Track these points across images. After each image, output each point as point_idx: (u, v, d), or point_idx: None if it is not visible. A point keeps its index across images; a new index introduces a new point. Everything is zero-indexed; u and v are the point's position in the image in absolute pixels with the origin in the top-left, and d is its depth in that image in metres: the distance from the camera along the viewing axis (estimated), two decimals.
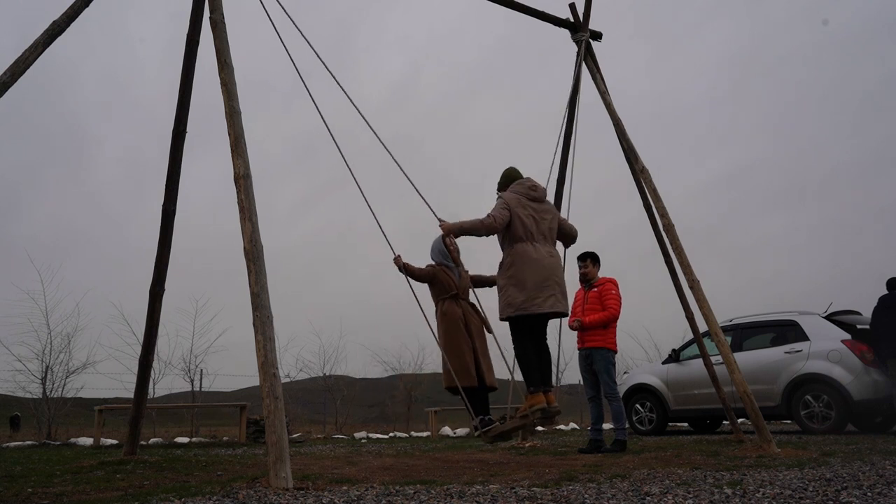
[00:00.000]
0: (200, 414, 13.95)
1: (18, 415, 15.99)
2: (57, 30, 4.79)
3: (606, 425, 7.58)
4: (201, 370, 14.15)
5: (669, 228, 6.35)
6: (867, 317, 8.44)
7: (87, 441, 10.19)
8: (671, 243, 6.37)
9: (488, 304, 5.55)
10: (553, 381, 5.21)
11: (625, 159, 7.02)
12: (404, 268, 5.57)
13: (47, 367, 12.25)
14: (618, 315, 6.47)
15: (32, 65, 4.62)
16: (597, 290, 6.56)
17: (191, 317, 14.04)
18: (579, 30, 7.19)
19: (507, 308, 4.96)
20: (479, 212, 5.05)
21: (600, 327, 6.43)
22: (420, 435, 12.34)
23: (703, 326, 6.88)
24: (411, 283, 5.52)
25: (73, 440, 10.65)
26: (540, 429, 11.81)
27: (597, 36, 7.31)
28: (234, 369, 27.86)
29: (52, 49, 4.73)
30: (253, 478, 3.94)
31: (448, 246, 5.67)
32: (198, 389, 14.19)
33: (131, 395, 6.41)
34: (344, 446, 8.93)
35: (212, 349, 14.13)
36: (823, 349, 8.30)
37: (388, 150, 5.57)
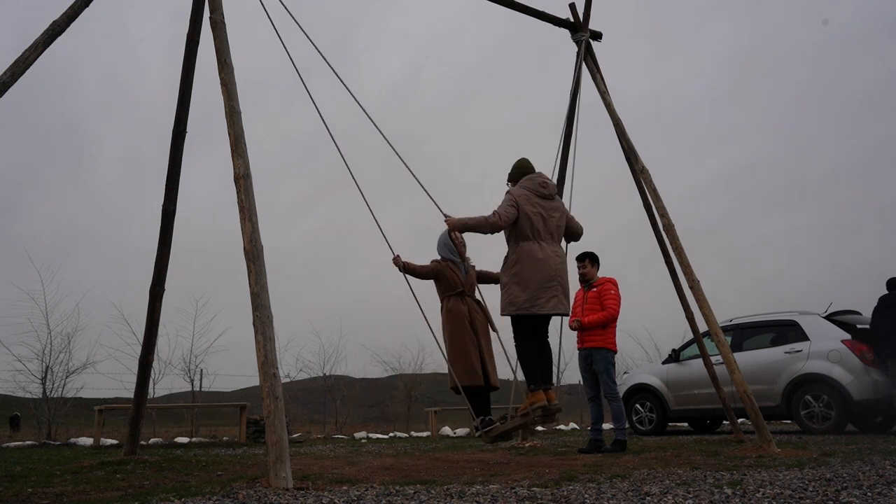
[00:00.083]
0: (200, 414, 13.95)
1: (18, 415, 16.01)
2: (57, 30, 4.79)
3: (606, 425, 7.58)
4: (201, 370, 14.17)
5: (669, 228, 6.35)
6: (867, 317, 8.44)
7: (87, 441, 10.19)
8: (671, 243, 6.37)
9: (493, 303, 5.54)
10: (554, 379, 5.22)
11: (625, 159, 7.02)
12: (404, 267, 5.56)
13: (47, 367, 12.25)
14: (616, 315, 6.47)
15: (32, 65, 4.62)
16: (596, 290, 6.56)
17: (191, 317, 14.06)
18: (579, 30, 7.19)
19: (508, 306, 4.96)
20: (479, 211, 5.05)
21: (599, 327, 6.43)
22: (420, 435, 12.34)
23: (703, 326, 6.87)
24: (411, 284, 5.49)
25: (73, 440, 10.65)
26: (540, 429, 11.82)
27: (597, 36, 7.31)
28: (234, 369, 27.88)
29: (52, 49, 4.74)
30: (253, 478, 3.94)
31: (454, 240, 5.66)
32: (198, 389, 14.19)
33: (131, 395, 6.41)
34: (344, 446, 8.93)
35: (212, 349, 14.16)
36: (823, 349, 8.30)
37: (392, 147, 5.56)
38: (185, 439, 10.71)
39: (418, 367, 17.66)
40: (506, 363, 5.59)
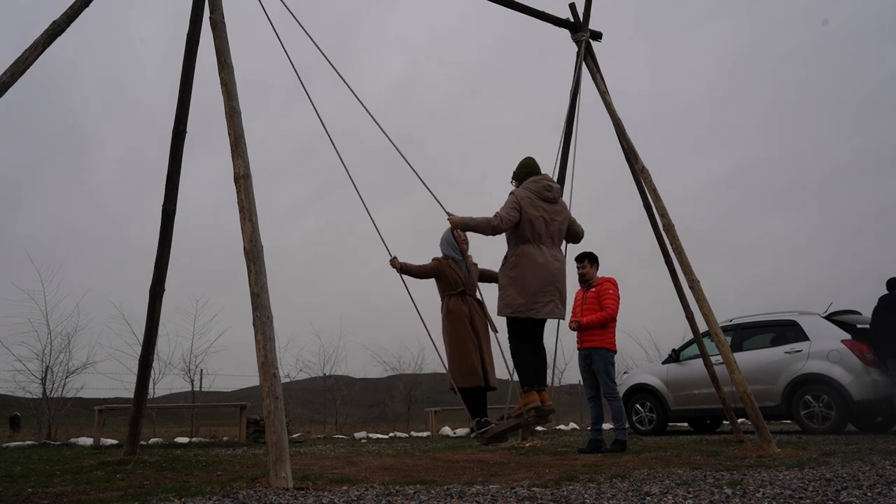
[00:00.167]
0: (200, 414, 13.95)
1: (18, 415, 16.03)
2: (57, 30, 4.79)
3: (606, 425, 7.58)
4: (201, 370, 14.16)
5: (669, 228, 6.35)
6: (867, 317, 8.44)
7: (87, 441, 10.19)
8: (671, 243, 6.37)
9: (492, 304, 5.54)
10: (548, 380, 5.23)
11: (625, 159, 7.02)
12: (402, 268, 5.55)
13: (47, 367, 12.24)
14: (615, 315, 6.46)
15: (32, 65, 4.62)
16: (595, 290, 6.56)
17: (191, 317, 14.05)
18: (579, 30, 7.19)
19: (505, 308, 4.97)
20: (479, 212, 5.06)
21: (598, 327, 6.43)
22: (420, 435, 12.34)
23: (703, 326, 6.87)
24: (408, 286, 5.49)
25: (73, 440, 10.65)
26: (540, 429, 11.82)
27: (597, 36, 7.31)
28: (234, 369, 27.87)
29: (52, 49, 4.73)
30: (253, 478, 3.94)
31: (457, 237, 5.66)
32: (198, 389, 14.18)
33: (131, 395, 6.41)
34: (344, 446, 8.93)
35: (212, 349, 14.15)
36: (823, 349, 8.30)
37: (396, 147, 5.57)
38: (185, 439, 10.71)
39: (418, 368, 17.68)
40: (504, 364, 5.59)
